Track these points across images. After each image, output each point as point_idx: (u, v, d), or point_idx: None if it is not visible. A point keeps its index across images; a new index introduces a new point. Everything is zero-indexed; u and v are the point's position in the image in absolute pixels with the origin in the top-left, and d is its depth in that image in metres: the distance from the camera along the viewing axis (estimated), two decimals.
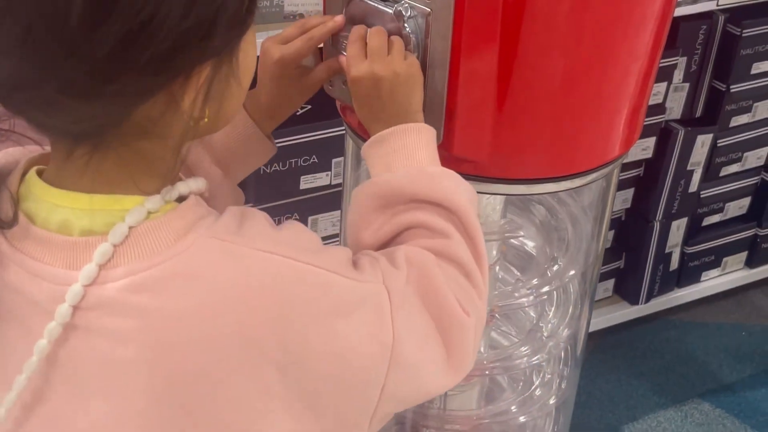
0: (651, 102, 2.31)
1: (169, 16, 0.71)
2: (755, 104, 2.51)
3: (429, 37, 1.05)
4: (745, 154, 2.60)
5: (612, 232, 2.57)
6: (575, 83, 1.09)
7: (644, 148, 2.40)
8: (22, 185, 0.82)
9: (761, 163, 2.66)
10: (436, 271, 0.91)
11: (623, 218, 2.57)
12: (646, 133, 2.35)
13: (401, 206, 0.96)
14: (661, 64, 2.26)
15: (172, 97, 0.76)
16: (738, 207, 2.71)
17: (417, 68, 1.03)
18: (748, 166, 2.64)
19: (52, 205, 0.79)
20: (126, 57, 0.71)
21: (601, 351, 2.58)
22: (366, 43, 1.02)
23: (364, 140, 1.04)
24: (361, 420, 0.86)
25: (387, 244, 0.97)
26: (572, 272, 1.36)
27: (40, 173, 0.82)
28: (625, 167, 2.42)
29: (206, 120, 0.79)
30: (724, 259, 2.75)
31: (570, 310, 1.41)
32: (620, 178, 2.41)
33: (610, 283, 2.64)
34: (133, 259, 0.77)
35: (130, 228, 0.77)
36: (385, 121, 1.01)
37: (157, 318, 0.77)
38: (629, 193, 2.51)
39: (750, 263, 2.81)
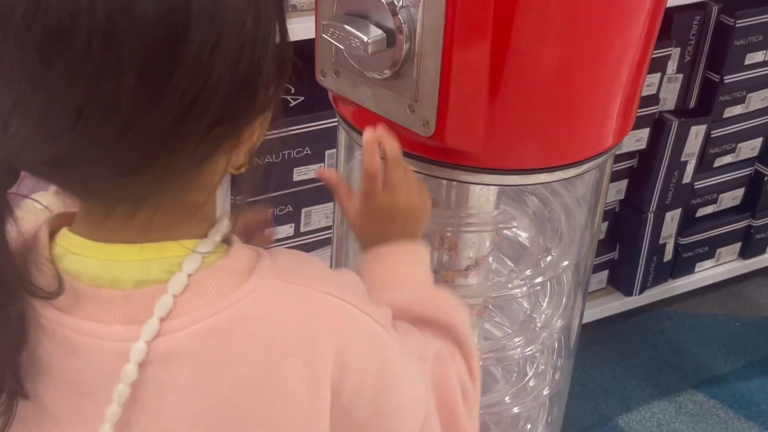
0: (645, 93, 2.30)
1: (220, 83, 0.70)
2: (749, 95, 2.51)
3: (421, 27, 1.04)
4: (738, 145, 2.60)
5: (606, 224, 2.57)
6: (568, 73, 1.09)
7: (638, 139, 2.40)
8: (54, 247, 0.78)
9: (755, 153, 2.66)
10: (455, 383, 0.93)
11: (617, 209, 2.57)
12: (639, 124, 2.35)
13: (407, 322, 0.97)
14: (654, 55, 2.25)
15: (221, 157, 0.75)
16: (732, 198, 2.71)
17: (427, 204, 1.05)
18: (741, 157, 2.64)
19: (100, 260, 0.76)
20: (180, 130, 0.69)
21: (595, 342, 2.58)
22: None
23: (358, 132, 1.04)
24: None
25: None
26: (565, 263, 1.36)
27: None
28: (619, 158, 2.42)
29: (243, 169, 0.79)
30: (718, 250, 2.75)
31: (563, 301, 1.41)
32: (614, 169, 2.42)
33: (604, 275, 2.64)
34: (195, 307, 0.75)
35: (189, 276, 0.75)
36: (383, 245, 1.02)
37: (226, 364, 0.75)
38: (623, 184, 2.51)
39: (744, 254, 2.81)
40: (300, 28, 1.11)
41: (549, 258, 1.37)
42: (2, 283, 0.73)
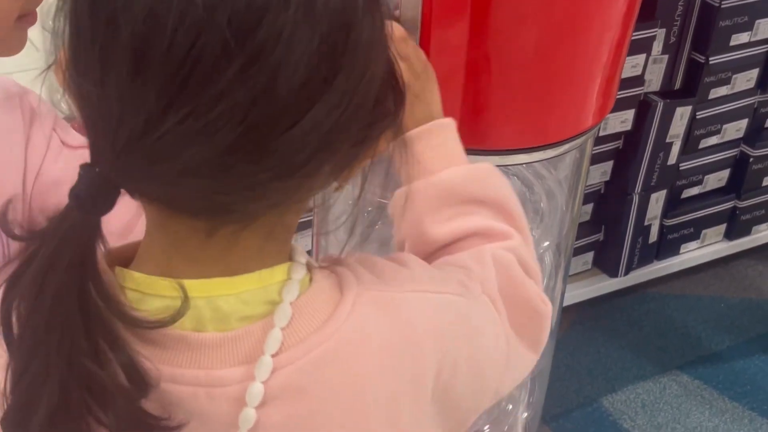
0: (629, 74, 2.31)
1: (374, 79, 0.68)
2: (734, 76, 2.51)
3: (400, 6, 1.04)
4: (724, 126, 2.60)
5: (591, 205, 2.57)
6: (546, 53, 1.08)
7: (623, 121, 2.40)
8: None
9: (740, 135, 2.66)
10: (518, 270, 0.93)
11: (602, 191, 2.57)
12: (624, 105, 2.35)
13: (459, 208, 0.96)
14: (639, 36, 2.26)
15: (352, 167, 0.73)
16: (717, 179, 2.71)
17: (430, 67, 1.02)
18: (727, 138, 2.64)
19: (195, 299, 0.70)
20: (338, 128, 0.66)
21: (580, 323, 2.59)
22: None
23: None
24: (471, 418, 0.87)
25: (458, 237, 0.96)
26: (546, 243, 1.36)
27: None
28: (604, 140, 2.42)
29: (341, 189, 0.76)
30: (703, 232, 2.76)
31: (544, 282, 1.41)
32: (599, 150, 2.42)
33: (590, 256, 2.64)
34: (303, 336, 0.71)
35: (291, 305, 0.72)
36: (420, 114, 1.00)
37: (343, 390, 0.73)
38: (608, 165, 2.51)
39: (729, 235, 2.81)
40: None
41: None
42: (102, 322, 0.67)
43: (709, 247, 2.79)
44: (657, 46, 2.34)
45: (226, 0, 0.60)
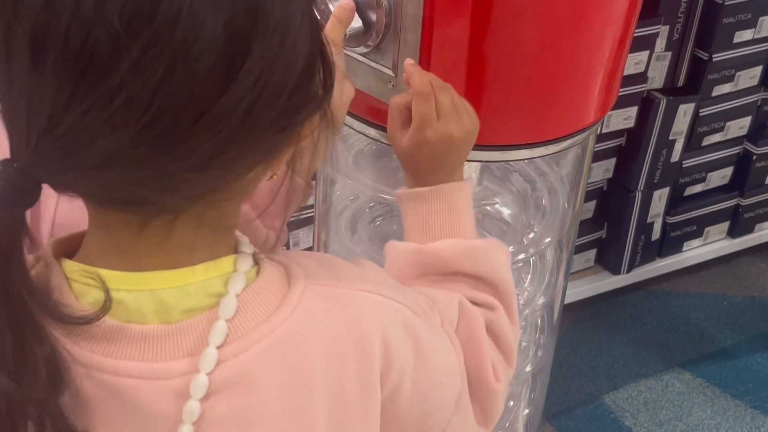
0: (633, 71, 2.30)
1: (290, 70, 0.66)
2: (737, 73, 2.50)
3: (402, 1, 1.04)
4: (727, 124, 2.59)
5: (594, 202, 2.57)
6: (548, 48, 1.08)
7: (626, 118, 2.39)
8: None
9: (743, 132, 2.66)
10: (483, 334, 0.93)
11: (605, 188, 2.57)
12: (628, 102, 2.34)
13: (444, 276, 0.96)
14: (643, 33, 2.25)
15: (279, 155, 0.72)
16: (720, 177, 2.71)
17: (477, 123, 1.02)
18: (730, 136, 2.63)
19: (134, 292, 0.70)
20: (251, 118, 0.64)
21: (582, 321, 2.59)
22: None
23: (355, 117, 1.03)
24: None
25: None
26: (548, 239, 1.36)
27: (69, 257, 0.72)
28: (607, 137, 2.41)
29: (276, 177, 0.75)
30: (706, 229, 2.75)
31: (546, 278, 1.41)
32: (602, 147, 2.42)
33: (592, 253, 2.64)
34: (249, 328, 0.71)
35: (237, 297, 0.71)
36: (432, 174, 1.00)
37: (288, 382, 0.72)
38: (611, 162, 2.51)
39: (732, 233, 2.81)
40: None
41: (531, 235, 1.37)
42: (26, 315, 0.67)
43: (712, 245, 2.79)
44: (660, 43, 2.34)
45: None
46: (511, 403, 1.50)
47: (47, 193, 0.67)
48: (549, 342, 1.47)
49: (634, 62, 2.28)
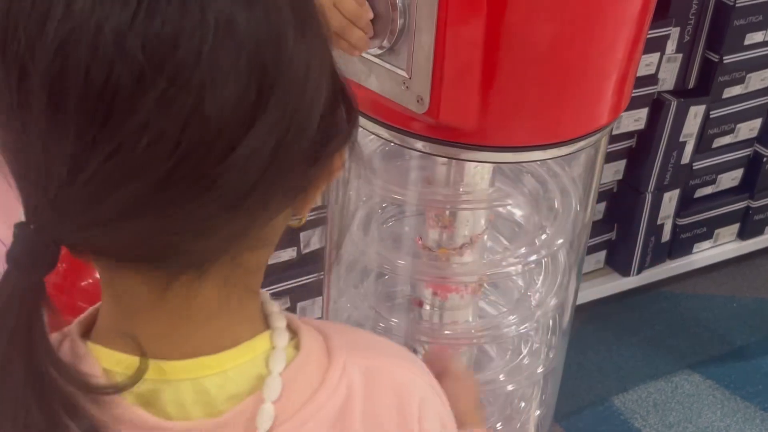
0: (643, 73, 2.30)
1: (316, 100, 0.63)
2: (748, 75, 2.50)
3: (416, 2, 1.04)
4: (737, 126, 2.59)
5: (604, 204, 2.56)
6: (562, 50, 1.08)
7: (636, 119, 2.39)
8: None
9: (754, 134, 2.65)
10: None
11: (615, 190, 2.57)
12: (638, 103, 2.34)
13: None
14: (653, 35, 2.25)
15: (311, 191, 0.68)
16: (730, 179, 2.71)
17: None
18: (740, 138, 2.63)
19: (176, 382, 0.66)
20: (281, 151, 0.61)
21: (592, 322, 2.59)
22: None
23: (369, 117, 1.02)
24: None
25: None
26: (560, 241, 1.36)
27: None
28: (617, 138, 2.41)
29: (301, 221, 0.72)
30: (716, 231, 2.75)
31: (558, 280, 1.41)
32: (612, 149, 2.42)
33: (602, 255, 2.64)
34: (296, 409, 0.69)
35: (281, 376, 0.68)
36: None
37: None
38: (621, 164, 2.51)
39: (742, 235, 2.81)
40: None
41: (544, 236, 1.37)
42: (55, 390, 0.63)
43: (721, 247, 2.79)
44: (671, 45, 2.34)
45: (137, 26, 0.56)
46: (523, 404, 1.50)
47: None
48: (560, 343, 1.47)
49: (645, 64, 2.28)
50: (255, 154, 0.60)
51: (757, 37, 2.43)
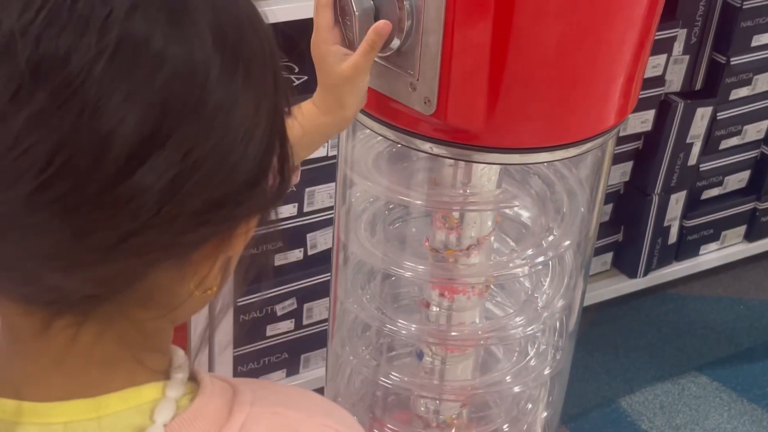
0: (650, 74, 2.30)
1: (233, 154, 0.57)
2: (755, 77, 2.50)
3: (424, 4, 1.04)
4: (744, 127, 2.59)
5: (610, 206, 2.56)
6: (569, 51, 1.08)
7: (643, 121, 2.39)
8: None
9: (761, 136, 2.65)
10: None
11: (622, 191, 2.57)
12: (645, 105, 2.34)
13: None
14: (660, 36, 2.25)
15: (191, 269, 0.61)
16: (737, 180, 2.70)
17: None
18: (747, 140, 2.63)
19: (48, 426, 0.61)
20: (172, 197, 0.55)
21: (598, 324, 2.58)
22: None
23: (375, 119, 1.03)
24: None
25: None
26: (567, 242, 1.36)
27: None
28: (624, 140, 2.41)
29: (211, 292, 0.64)
30: (723, 233, 2.74)
31: (565, 281, 1.41)
32: (619, 150, 2.41)
33: (609, 257, 2.64)
34: None
35: (164, 427, 0.62)
36: None
37: None
38: (628, 166, 2.51)
39: (749, 237, 2.80)
40: (306, 6, 1.12)
41: (551, 238, 1.37)
42: None
43: (728, 249, 2.78)
44: (678, 47, 2.34)
45: (31, 32, 0.52)
46: (530, 406, 1.50)
47: None
48: (567, 345, 1.47)
49: (652, 65, 2.28)
50: (137, 196, 0.54)
51: (764, 38, 2.43)
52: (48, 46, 0.52)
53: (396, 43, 1.07)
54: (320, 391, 1.55)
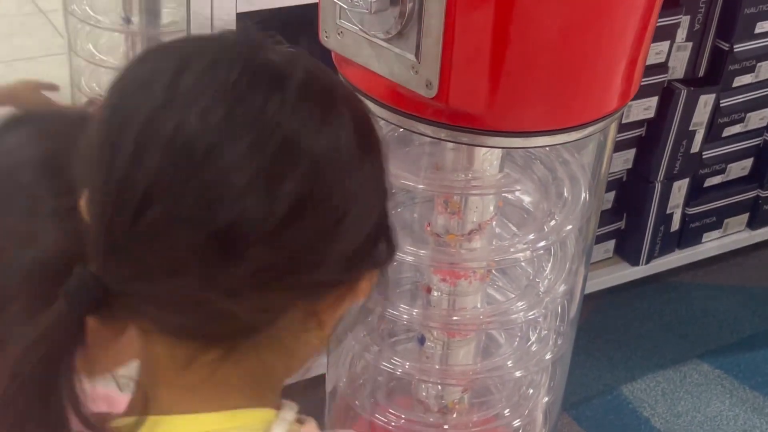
0: (653, 61, 2.30)
1: (364, 215, 0.70)
2: (759, 64, 2.49)
3: None
4: (748, 115, 2.58)
5: (613, 193, 2.56)
6: (571, 34, 1.08)
7: (646, 108, 2.39)
8: None
9: (764, 123, 2.64)
10: None
11: (624, 179, 2.56)
12: (648, 92, 2.34)
13: None
14: (664, 23, 2.25)
15: (330, 303, 0.73)
16: (740, 168, 2.70)
17: None
18: (750, 127, 2.62)
19: None
20: (321, 244, 0.67)
21: (601, 311, 2.58)
22: None
23: (361, 93, 1.03)
24: None
25: None
26: (569, 227, 1.36)
27: None
28: (627, 127, 2.41)
29: (323, 340, 0.75)
30: (726, 221, 2.74)
31: (567, 266, 1.41)
32: (621, 138, 2.41)
33: (611, 244, 2.63)
34: None
35: None
36: None
37: None
38: (630, 153, 2.50)
39: (751, 225, 2.80)
40: None
41: (552, 223, 1.37)
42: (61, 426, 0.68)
43: (731, 236, 2.78)
44: (681, 33, 2.33)
45: (229, 101, 0.63)
46: (531, 391, 1.50)
47: None
48: (569, 330, 1.47)
49: (655, 52, 2.27)
50: (293, 245, 0.65)
51: (767, 25, 2.42)
52: (220, 152, 0.63)
53: (398, 25, 1.07)
54: (321, 377, 1.55)
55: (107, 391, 0.84)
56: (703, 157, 2.59)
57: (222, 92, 0.64)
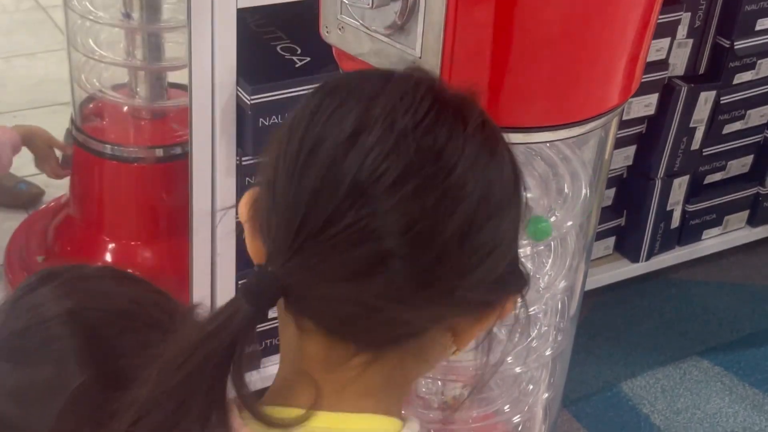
0: (654, 58, 2.30)
1: (513, 244, 0.77)
2: (759, 61, 2.49)
3: None
4: (748, 112, 2.58)
5: (613, 190, 2.56)
6: (573, 30, 1.08)
7: (646, 105, 2.39)
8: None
9: (765, 121, 2.64)
10: None
11: (624, 175, 2.56)
12: (648, 89, 2.33)
13: None
14: (664, 20, 2.24)
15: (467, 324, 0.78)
16: (740, 165, 2.70)
17: None
18: (751, 124, 2.62)
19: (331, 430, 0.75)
20: (476, 271, 0.72)
21: (600, 308, 2.58)
22: None
23: None
24: None
25: None
26: (569, 223, 1.36)
27: None
28: (627, 124, 2.41)
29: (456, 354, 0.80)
30: (726, 218, 2.74)
31: (567, 263, 1.41)
32: (622, 134, 2.41)
33: (611, 241, 2.63)
34: None
35: None
36: None
37: None
38: (631, 150, 2.50)
39: (752, 222, 2.80)
40: None
41: (553, 218, 1.37)
42: (225, 404, 0.72)
43: (731, 234, 2.78)
44: (682, 30, 2.33)
45: (417, 132, 0.69)
46: (531, 387, 1.50)
47: None
48: (569, 327, 1.47)
49: (656, 49, 2.27)
50: (460, 266, 0.71)
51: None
52: (427, 144, 0.70)
53: (398, 20, 1.07)
54: None
55: None
56: (704, 154, 2.58)
57: (411, 127, 0.69)
